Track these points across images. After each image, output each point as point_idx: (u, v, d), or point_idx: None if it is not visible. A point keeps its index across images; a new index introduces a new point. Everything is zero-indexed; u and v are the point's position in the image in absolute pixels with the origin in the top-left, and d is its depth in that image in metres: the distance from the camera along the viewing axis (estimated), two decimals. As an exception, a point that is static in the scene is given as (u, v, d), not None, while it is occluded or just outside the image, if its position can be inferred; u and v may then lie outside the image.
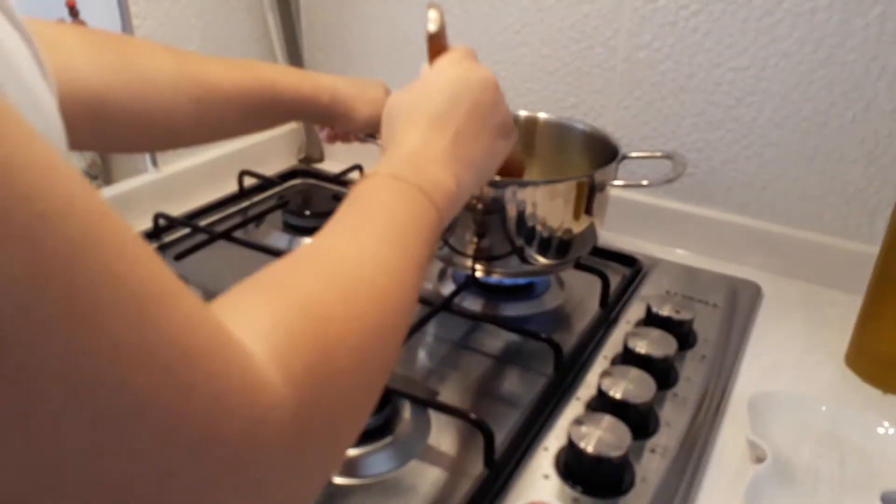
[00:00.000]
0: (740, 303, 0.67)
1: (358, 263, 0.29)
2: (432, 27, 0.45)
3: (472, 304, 0.67)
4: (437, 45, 0.46)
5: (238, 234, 0.74)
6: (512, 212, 0.57)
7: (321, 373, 0.23)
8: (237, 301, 0.24)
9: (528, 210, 0.57)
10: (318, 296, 0.25)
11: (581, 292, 0.69)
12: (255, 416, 0.19)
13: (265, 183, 0.87)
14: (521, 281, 0.69)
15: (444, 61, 0.45)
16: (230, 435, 0.18)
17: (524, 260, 0.60)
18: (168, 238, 0.77)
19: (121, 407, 0.16)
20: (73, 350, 0.15)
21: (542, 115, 0.72)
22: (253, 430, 0.19)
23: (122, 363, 0.16)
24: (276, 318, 0.23)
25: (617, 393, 0.49)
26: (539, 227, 0.58)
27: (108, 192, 0.79)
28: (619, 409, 0.48)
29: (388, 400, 0.51)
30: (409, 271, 0.31)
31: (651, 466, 0.47)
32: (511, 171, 0.54)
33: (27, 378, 0.14)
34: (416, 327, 0.58)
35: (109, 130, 0.47)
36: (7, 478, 0.15)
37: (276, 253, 0.69)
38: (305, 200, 0.86)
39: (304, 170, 0.95)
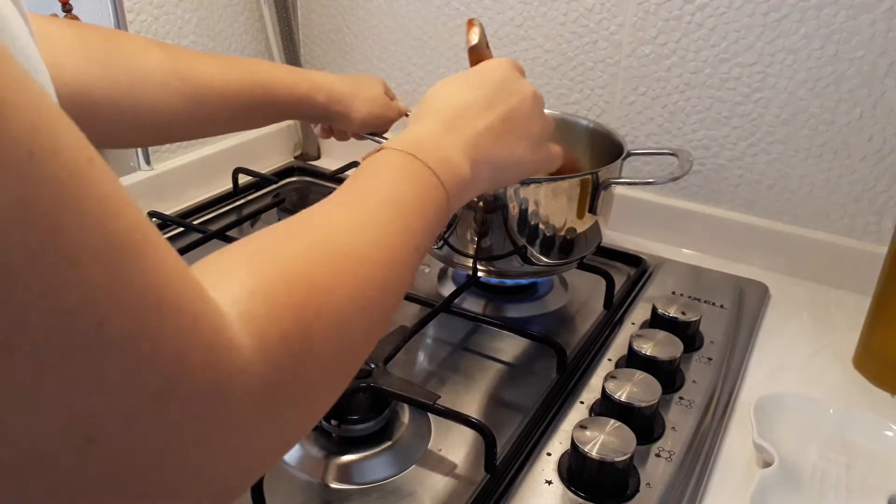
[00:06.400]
0: (747, 304, 0.66)
1: (349, 234, 0.29)
2: (474, 39, 0.47)
3: (474, 305, 0.66)
4: (478, 56, 0.47)
5: (233, 233, 0.73)
6: (514, 210, 0.56)
7: (297, 342, 0.23)
8: (219, 262, 0.25)
9: (531, 208, 0.56)
10: (302, 264, 0.26)
11: (585, 293, 0.68)
12: (218, 377, 0.20)
13: (260, 181, 0.86)
14: (524, 281, 0.68)
15: (493, 63, 0.45)
16: (191, 390, 0.19)
17: (527, 260, 0.59)
18: (162, 237, 0.76)
19: (97, 343, 0.17)
20: (56, 283, 0.16)
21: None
22: (215, 389, 0.20)
23: (100, 302, 0.17)
24: (255, 284, 0.23)
25: (622, 396, 0.49)
26: (542, 226, 0.57)
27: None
28: (624, 412, 0.48)
29: (387, 404, 0.50)
30: (404, 248, 0.31)
31: (656, 471, 0.46)
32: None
33: (13, 305, 0.15)
34: (416, 329, 0.57)
35: (98, 126, 0.47)
36: None
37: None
38: (301, 199, 0.85)
39: (301, 167, 0.94)
